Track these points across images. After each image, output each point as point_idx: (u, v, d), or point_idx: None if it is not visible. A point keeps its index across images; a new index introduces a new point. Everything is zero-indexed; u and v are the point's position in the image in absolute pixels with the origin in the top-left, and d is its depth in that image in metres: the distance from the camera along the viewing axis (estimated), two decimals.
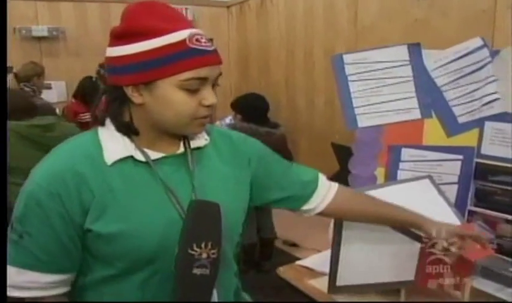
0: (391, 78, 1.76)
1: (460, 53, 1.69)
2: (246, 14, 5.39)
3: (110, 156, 0.97)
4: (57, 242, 0.95)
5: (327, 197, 1.28)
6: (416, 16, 3.38)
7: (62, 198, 0.93)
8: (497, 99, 1.60)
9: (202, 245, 0.95)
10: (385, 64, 1.76)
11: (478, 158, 1.65)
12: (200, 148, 1.08)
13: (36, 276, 0.96)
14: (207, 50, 0.95)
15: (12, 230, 0.95)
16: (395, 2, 3.58)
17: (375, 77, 1.77)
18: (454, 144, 1.69)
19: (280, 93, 4.97)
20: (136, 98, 0.96)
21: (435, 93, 1.73)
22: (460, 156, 1.67)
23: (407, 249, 1.47)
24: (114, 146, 0.99)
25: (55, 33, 4.77)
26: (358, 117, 1.76)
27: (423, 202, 1.39)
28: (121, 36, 0.95)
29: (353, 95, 1.77)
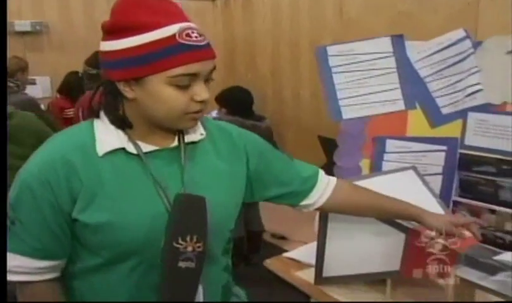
0: (375, 70, 1.77)
1: (443, 44, 1.70)
2: (232, 6, 5.36)
3: (102, 148, 0.98)
4: (47, 229, 0.96)
5: (326, 192, 1.28)
6: (401, 8, 3.40)
7: (52, 186, 0.94)
8: (480, 90, 1.62)
9: (187, 239, 0.96)
10: (369, 55, 1.77)
11: (462, 149, 1.66)
12: (195, 142, 1.08)
13: (26, 262, 0.97)
14: (197, 45, 0.94)
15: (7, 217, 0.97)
16: None
17: (359, 69, 1.77)
18: (438, 135, 1.70)
19: (266, 86, 4.96)
20: (128, 93, 0.96)
21: (419, 84, 1.74)
22: (444, 147, 1.69)
23: (392, 240, 1.49)
24: (106, 138, 0.99)
25: (38, 27, 4.68)
26: (342, 108, 1.77)
27: (408, 193, 1.39)
28: (111, 31, 0.94)
29: (337, 87, 1.77)
